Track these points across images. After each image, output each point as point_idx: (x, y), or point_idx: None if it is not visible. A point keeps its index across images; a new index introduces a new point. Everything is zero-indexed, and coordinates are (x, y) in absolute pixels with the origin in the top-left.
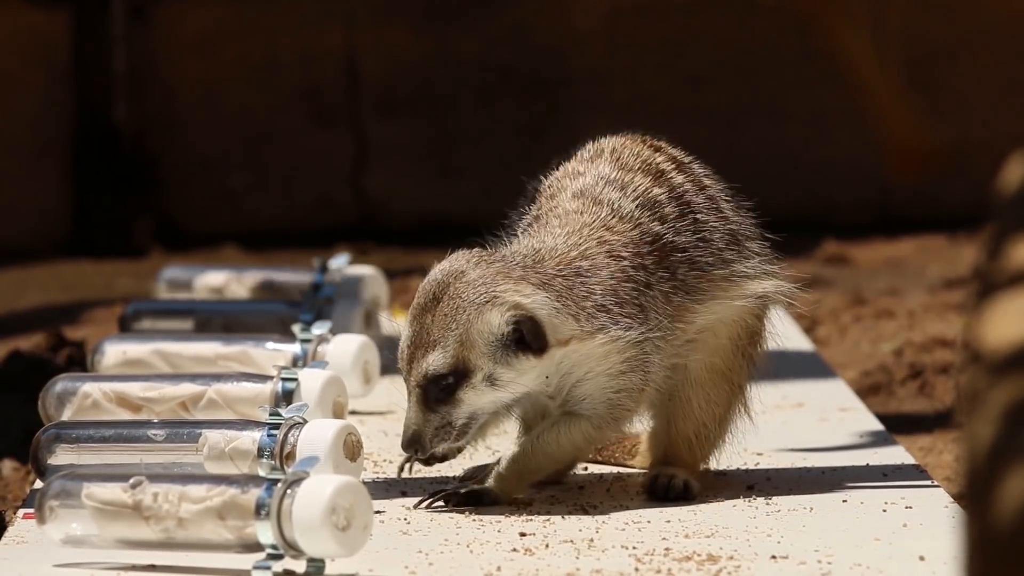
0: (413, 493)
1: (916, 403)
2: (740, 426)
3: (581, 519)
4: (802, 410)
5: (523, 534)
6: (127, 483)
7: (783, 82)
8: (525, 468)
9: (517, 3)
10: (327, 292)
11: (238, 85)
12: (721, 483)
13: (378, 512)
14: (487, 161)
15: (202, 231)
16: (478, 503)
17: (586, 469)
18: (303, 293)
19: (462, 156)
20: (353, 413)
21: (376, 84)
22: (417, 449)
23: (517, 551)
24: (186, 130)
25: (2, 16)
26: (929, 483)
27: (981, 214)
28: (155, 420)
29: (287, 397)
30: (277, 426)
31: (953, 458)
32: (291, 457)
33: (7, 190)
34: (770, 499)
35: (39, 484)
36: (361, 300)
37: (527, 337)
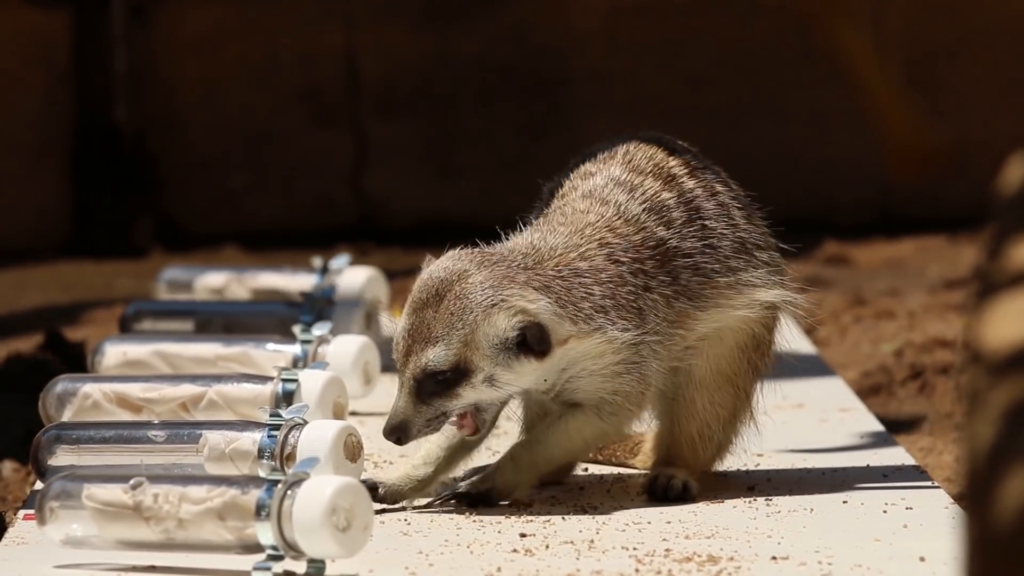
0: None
1: (916, 404)
2: (745, 433)
3: (581, 520)
4: (802, 411)
5: (523, 535)
6: (127, 484)
7: (783, 82)
8: (537, 459)
9: (517, 3)
10: (327, 293)
11: (238, 85)
12: (721, 484)
13: (378, 513)
14: (487, 161)
15: (202, 231)
16: (487, 502)
17: (586, 470)
18: (304, 294)
19: (462, 156)
20: (353, 414)
21: (376, 84)
22: (399, 436)
23: (517, 552)
24: (186, 130)
25: (2, 16)
26: (929, 484)
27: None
28: (155, 421)
29: (287, 398)
30: (277, 427)
31: (953, 459)
32: (291, 458)
33: (7, 190)
34: (770, 500)
35: (39, 485)
36: (361, 301)
37: (531, 342)
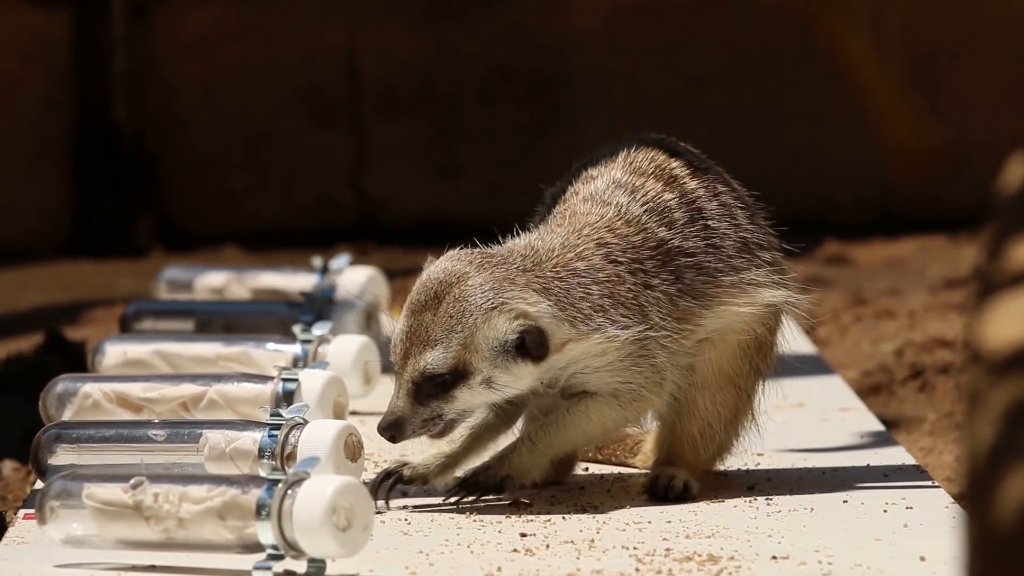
0: (415, 494)
1: (917, 403)
2: (746, 435)
3: (582, 519)
4: (803, 410)
5: (524, 534)
6: (128, 483)
7: (783, 82)
8: (554, 441)
9: (517, 3)
10: (328, 292)
11: (238, 85)
12: (722, 483)
13: (379, 512)
14: (487, 161)
15: (202, 231)
16: (501, 488)
17: (587, 469)
18: (304, 294)
19: (462, 156)
20: (354, 414)
21: (376, 84)
22: (394, 435)
23: (518, 551)
24: (186, 130)
25: (2, 16)
26: (930, 483)
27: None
28: (156, 420)
29: (288, 398)
30: (278, 427)
31: (954, 458)
32: (292, 458)
33: (7, 190)
34: (771, 499)
35: (40, 484)
36: (361, 301)
37: (530, 345)
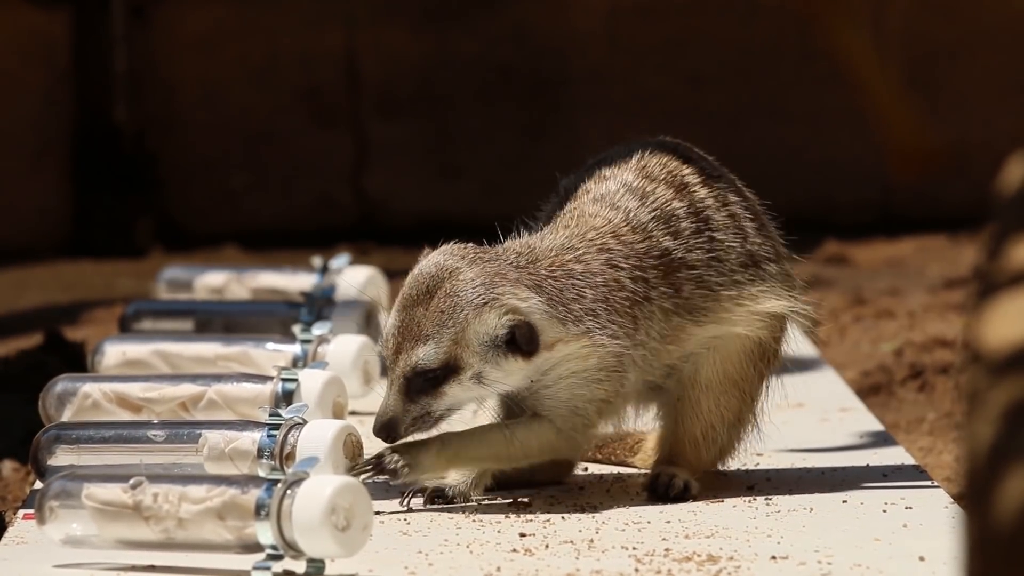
0: (415, 494)
1: (916, 403)
2: (747, 438)
3: (581, 519)
4: (802, 410)
5: (523, 534)
6: (127, 484)
7: (783, 82)
8: (463, 454)
9: (517, 3)
10: (327, 292)
11: (238, 85)
12: (721, 483)
13: (378, 512)
14: (487, 161)
15: (202, 231)
16: (395, 475)
17: (586, 469)
18: (304, 294)
19: (462, 156)
20: (353, 414)
21: (376, 84)
22: (390, 434)
23: (517, 551)
24: (186, 130)
25: (2, 16)
26: (929, 483)
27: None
28: (155, 421)
29: (287, 398)
30: (277, 427)
31: (953, 458)
32: (291, 457)
33: (7, 190)
34: (770, 499)
35: (39, 485)
36: (361, 301)
37: (520, 341)
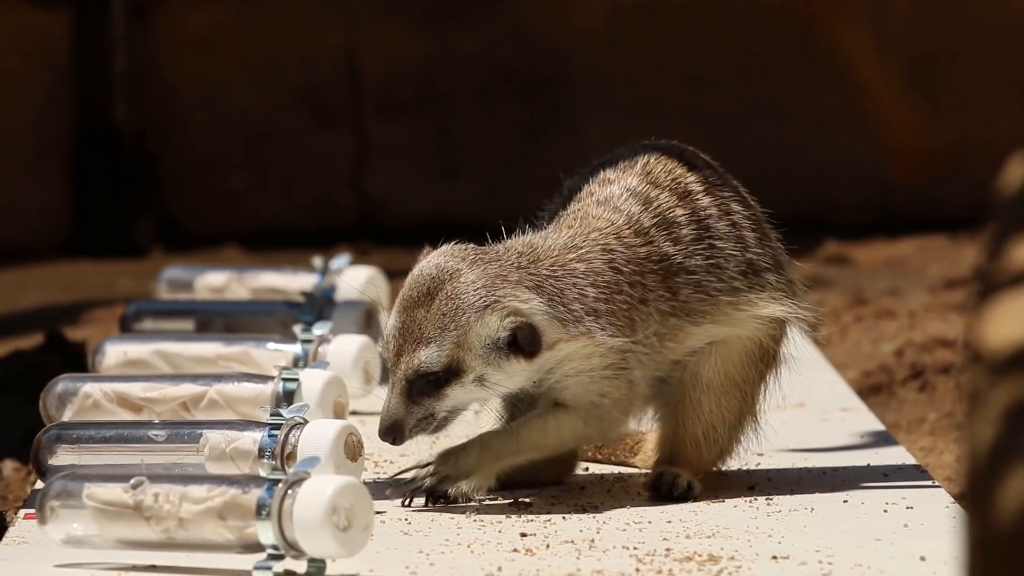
0: (415, 493)
1: (917, 403)
2: (747, 439)
3: (582, 519)
4: (803, 410)
5: (524, 534)
6: (128, 483)
7: (783, 82)
8: (505, 449)
9: (517, 3)
10: (328, 292)
11: (238, 85)
12: (722, 483)
13: (379, 512)
14: (487, 161)
15: (203, 231)
16: (436, 493)
17: (587, 469)
18: (304, 294)
19: (462, 156)
20: (354, 413)
21: (376, 84)
22: (395, 437)
23: (518, 551)
24: (186, 130)
25: (2, 16)
26: (930, 483)
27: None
28: (156, 420)
29: (288, 397)
30: (278, 426)
31: (954, 458)
32: (292, 457)
33: (7, 190)
34: (771, 499)
35: (40, 484)
36: (361, 301)
37: (522, 342)
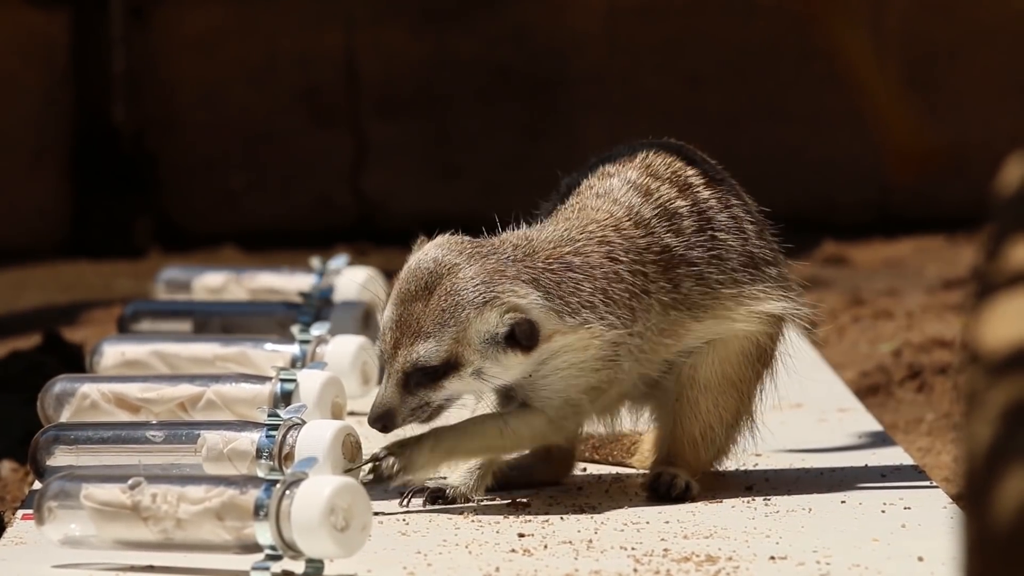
0: (414, 494)
1: (915, 404)
2: (744, 439)
3: (580, 520)
4: (800, 410)
5: (522, 535)
6: (126, 484)
7: (783, 82)
8: (457, 448)
9: (517, 3)
10: (326, 293)
11: (238, 85)
12: (720, 484)
13: (377, 513)
14: (487, 161)
15: (201, 231)
16: (389, 480)
17: (585, 470)
18: (302, 294)
19: (462, 156)
20: (352, 414)
21: (376, 84)
22: (385, 424)
23: (516, 552)
24: (186, 130)
25: (2, 16)
26: (928, 484)
27: (980, 215)
28: (154, 421)
29: (285, 398)
30: (276, 427)
31: (951, 459)
32: (289, 458)
33: (7, 190)
34: (769, 500)
35: (38, 485)
36: (359, 301)
37: (520, 337)
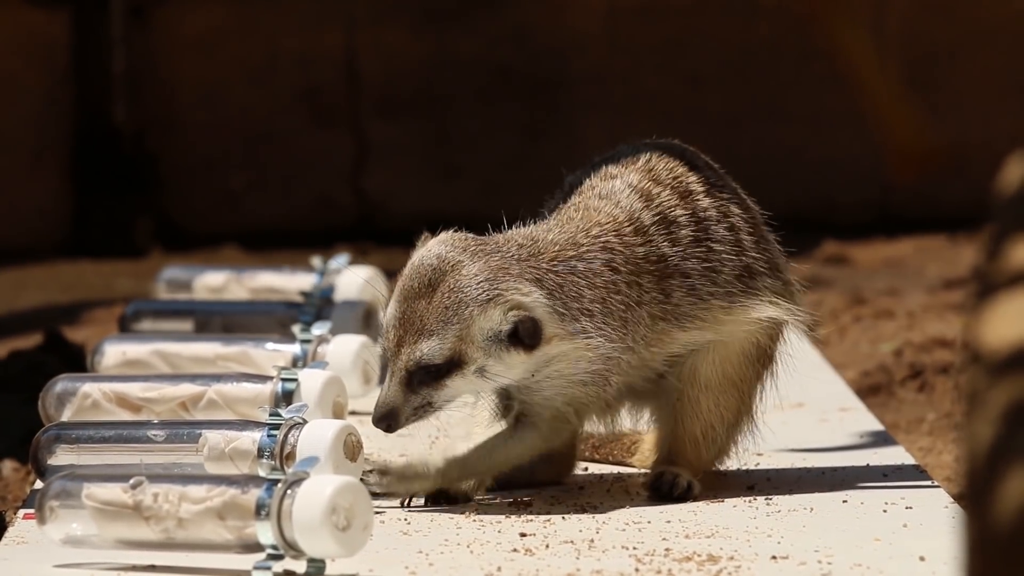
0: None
1: (916, 403)
2: (745, 438)
3: (581, 519)
4: (802, 410)
5: (523, 534)
6: (127, 483)
7: (783, 82)
8: (473, 470)
9: (517, 3)
10: (327, 292)
11: (238, 85)
12: (721, 483)
13: (378, 512)
14: (487, 161)
15: (202, 231)
16: (445, 496)
17: (586, 469)
18: (303, 294)
19: (462, 156)
20: (353, 413)
21: (376, 84)
22: (390, 424)
23: (517, 551)
24: (186, 130)
25: (2, 16)
26: (929, 483)
27: (980, 214)
28: (155, 420)
29: (287, 397)
30: (277, 426)
31: (953, 458)
32: (291, 457)
33: (7, 190)
34: (770, 499)
35: (39, 484)
36: (360, 300)
37: (523, 335)
